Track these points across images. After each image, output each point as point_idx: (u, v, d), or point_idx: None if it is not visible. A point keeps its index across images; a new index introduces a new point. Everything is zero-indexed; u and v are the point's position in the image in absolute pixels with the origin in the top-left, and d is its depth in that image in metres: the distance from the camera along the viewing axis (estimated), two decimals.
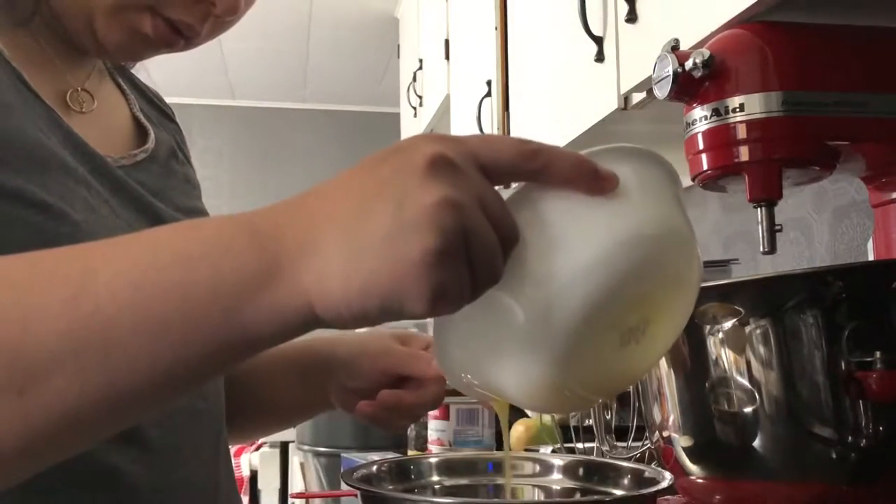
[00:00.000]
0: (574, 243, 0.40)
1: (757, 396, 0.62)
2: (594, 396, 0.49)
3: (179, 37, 0.61)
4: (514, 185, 0.42)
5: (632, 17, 1.02)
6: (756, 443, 0.62)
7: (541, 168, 0.40)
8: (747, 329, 0.62)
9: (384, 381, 0.66)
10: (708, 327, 0.64)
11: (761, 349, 0.61)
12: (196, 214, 0.69)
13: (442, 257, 0.35)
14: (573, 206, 0.40)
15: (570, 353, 0.41)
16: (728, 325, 0.63)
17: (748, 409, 0.62)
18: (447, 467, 0.65)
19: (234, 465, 0.77)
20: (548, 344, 0.40)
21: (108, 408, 0.36)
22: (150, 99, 0.76)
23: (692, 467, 0.67)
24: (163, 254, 0.37)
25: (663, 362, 0.68)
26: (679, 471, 0.67)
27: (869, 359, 0.58)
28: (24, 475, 0.37)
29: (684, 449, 0.67)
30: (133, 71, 0.75)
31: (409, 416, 0.67)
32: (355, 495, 0.57)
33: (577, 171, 0.40)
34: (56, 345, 0.35)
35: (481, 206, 0.37)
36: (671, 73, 0.73)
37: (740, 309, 0.62)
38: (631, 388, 1.03)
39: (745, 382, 0.62)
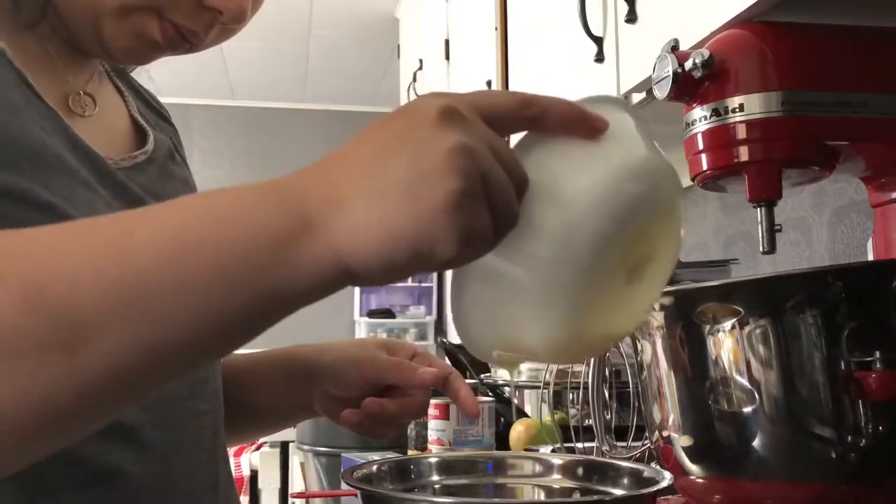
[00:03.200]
0: (579, 184, 0.42)
1: (756, 396, 0.62)
2: (605, 341, 0.51)
3: (185, 41, 0.61)
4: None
5: (632, 18, 1.02)
6: (756, 443, 0.62)
7: (538, 115, 0.42)
8: (747, 329, 0.62)
9: (369, 390, 0.66)
10: (708, 327, 0.64)
11: (761, 349, 0.61)
12: None
13: (464, 199, 0.36)
14: (572, 151, 0.43)
15: (586, 293, 0.43)
16: (728, 325, 0.63)
17: (748, 409, 0.62)
18: (447, 467, 0.65)
19: (233, 465, 0.77)
20: (565, 286, 0.42)
21: (151, 364, 0.37)
22: (147, 101, 0.76)
23: (692, 467, 0.67)
24: (195, 214, 0.38)
25: (663, 362, 0.68)
26: (679, 470, 0.67)
27: (868, 359, 0.58)
28: (75, 436, 0.38)
29: (684, 449, 0.67)
30: (133, 74, 0.75)
31: (392, 424, 0.67)
32: (355, 495, 0.57)
33: (572, 117, 0.43)
34: (103, 302, 0.35)
35: (492, 151, 0.38)
36: (671, 73, 0.73)
37: (740, 309, 0.62)
38: (631, 387, 1.03)
39: (745, 382, 0.62)
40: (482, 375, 1.39)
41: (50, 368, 0.35)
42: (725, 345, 0.63)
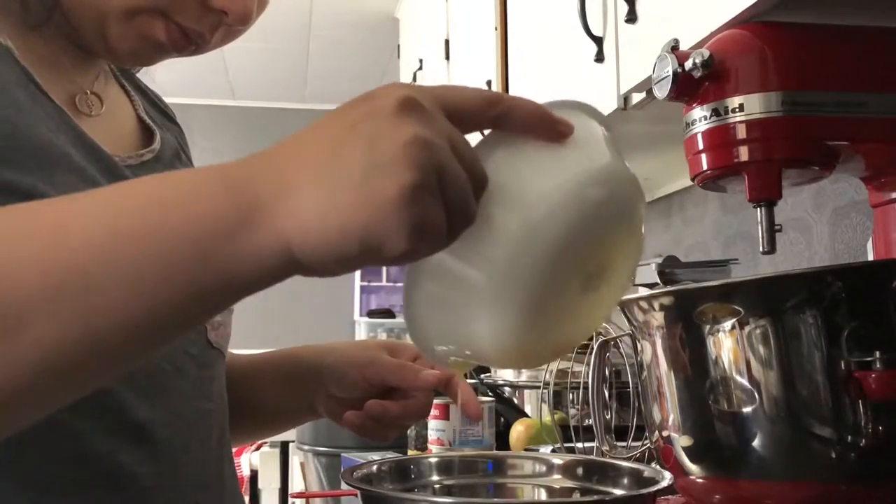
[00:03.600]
0: (540, 187, 0.41)
1: (756, 396, 0.62)
2: (559, 348, 0.50)
3: (190, 43, 0.61)
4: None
5: (631, 18, 1.02)
6: (756, 443, 0.62)
7: (503, 114, 0.41)
8: (747, 329, 0.62)
9: (371, 391, 0.66)
10: (708, 327, 0.64)
11: (761, 349, 0.61)
12: None
13: (418, 192, 0.36)
14: (534, 153, 0.42)
15: (541, 299, 0.42)
16: (728, 325, 0.63)
17: (748, 409, 0.62)
18: (447, 467, 0.65)
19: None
20: (520, 291, 0.41)
21: (87, 354, 0.36)
22: (153, 101, 0.76)
23: (692, 467, 0.67)
24: (136, 200, 0.37)
25: (663, 362, 0.68)
26: (679, 470, 0.67)
27: (868, 359, 0.58)
28: (7, 428, 0.37)
29: (684, 449, 0.67)
30: (138, 75, 0.75)
31: (395, 426, 0.67)
32: (355, 495, 0.57)
33: (537, 118, 0.42)
34: (33, 291, 0.34)
35: (451, 146, 0.38)
36: (671, 73, 0.73)
37: (740, 309, 0.62)
38: (631, 387, 1.03)
39: (745, 382, 0.62)
40: (482, 375, 1.39)
41: None
42: (725, 345, 0.63)
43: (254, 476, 2.89)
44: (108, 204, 0.37)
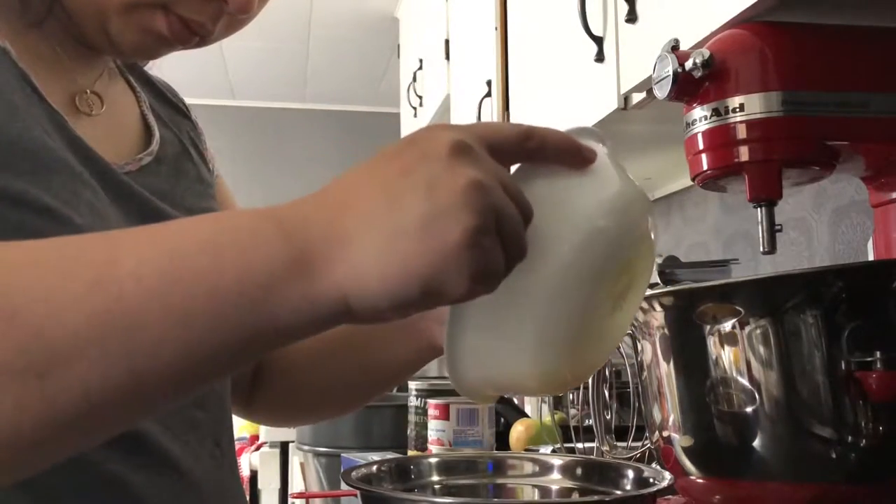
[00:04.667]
0: (579, 217, 0.43)
1: (756, 396, 0.62)
2: (594, 368, 0.53)
3: (193, 35, 0.60)
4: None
5: (632, 18, 1.02)
6: (756, 443, 0.62)
7: (538, 147, 0.43)
8: (747, 329, 0.62)
9: None
10: (708, 327, 0.64)
11: (761, 349, 0.61)
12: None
13: (480, 236, 0.36)
14: (566, 185, 0.44)
15: (582, 327, 0.44)
16: (728, 325, 0.63)
17: (748, 409, 0.62)
18: (447, 467, 0.65)
19: None
20: (562, 323, 0.43)
21: (130, 394, 0.35)
22: (163, 95, 0.75)
23: (692, 467, 0.67)
24: (189, 242, 0.36)
25: (663, 362, 0.68)
26: (679, 471, 0.67)
27: (869, 359, 0.58)
28: (41, 465, 0.37)
29: (684, 449, 0.67)
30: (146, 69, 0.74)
31: None
32: (355, 495, 0.57)
33: (566, 148, 0.44)
34: (80, 328, 0.34)
35: (502, 186, 0.38)
36: (671, 73, 0.73)
37: (740, 309, 0.62)
38: (631, 387, 1.03)
39: (745, 382, 0.62)
40: None
41: (17, 393, 0.33)
42: (725, 345, 0.63)
43: (253, 476, 2.88)
44: (161, 243, 0.36)
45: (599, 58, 1.11)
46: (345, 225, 0.37)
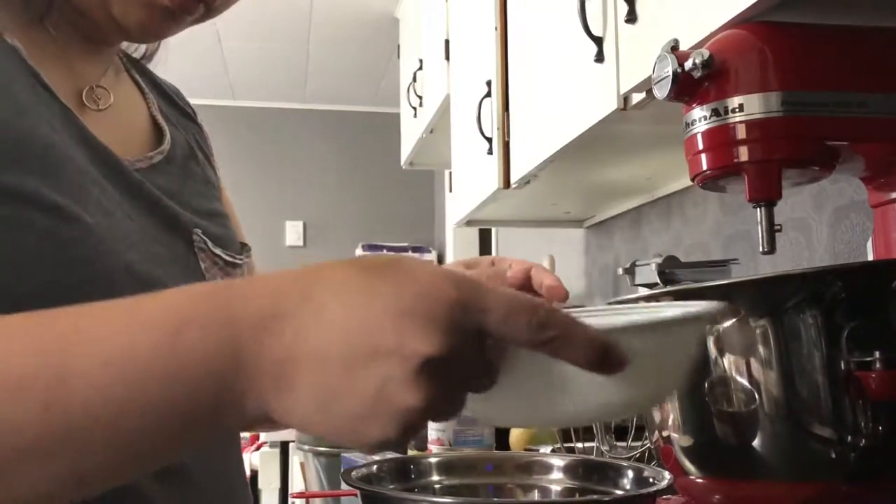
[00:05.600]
0: (567, 404, 0.41)
1: (756, 396, 0.62)
2: None
3: (197, 2, 0.60)
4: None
5: (631, 18, 1.02)
6: (756, 442, 0.62)
7: (550, 341, 0.38)
8: (747, 329, 0.62)
9: None
10: (708, 327, 0.64)
11: (761, 349, 0.61)
12: (215, 217, 0.69)
13: (418, 417, 0.36)
14: (574, 373, 0.39)
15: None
16: (728, 325, 0.63)
17: (748, 409, 0.62)
18: (447, 467, 0.65)
19: None
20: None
21: (75, 491, 0.38)
22: (170, 97, 0.74)
23: (691, 467, 0.67)
24: (141, 368, 0.37)
25: None
26: (679, 471, 0.67)
27: (869, 358, 0.58)
28: None
29: (684, 449, 0.67)
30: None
31: None
32: (355, 495, 0.57)
33: (585, 352, 0.38)
34: (29, 446, 0.36)
35: (462, 386, 0.38)
36: (671, 73, 0.73)
37: (740, 309, 0.62)
38: None
39: (745, 382, 0.62)
40: None
41: None
42: (725, 345, 0.63)
43: (254, 476, 2.88)
44: (110, 367, 0.37)
45: (599, 58, 1.11)
46: (295, 369, 0.36)
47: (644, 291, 1.34)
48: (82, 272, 0.52)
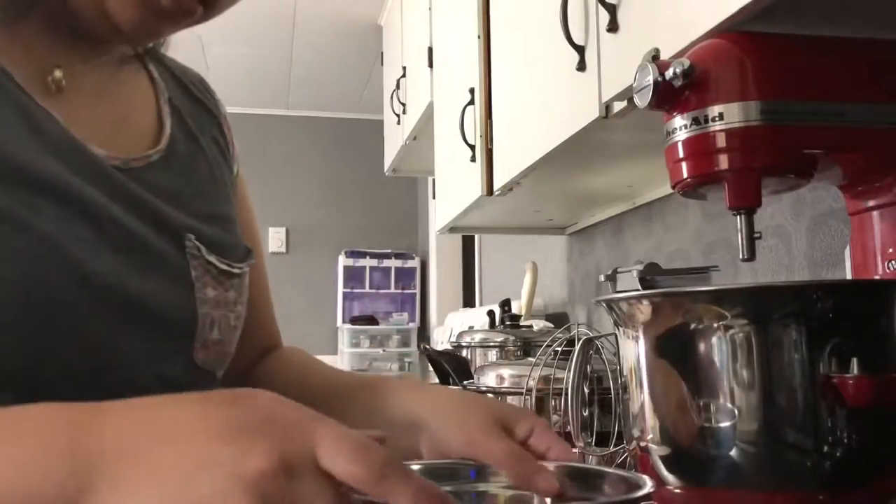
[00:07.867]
0: None
1: (734, 405, 0.62)
2: None
3: (197, 3, 0.58)
4: None
5: (613, 27, 1.03)
6: (733, 451, 0.62)
7: (382, 494, 0.38)
8: (726, 338, 0.62)
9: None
10: (686, 337, 0.64)
11: (739, 358, 0.62)
12: (217, 219, 0.67)
13: None
14: None
15: None
16: (707, 334, 0.63)
17: (725, 418, 0.62)
18: (430, 474, 0.65)
19: None
20: None
21: None
22: (187, 88, 0.72)
23: (668, 476, 0.67)
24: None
25: (643, 369, 0.69)
26: (655, 479, 0.67)
27: (847, 372, 0.59)
28: None
29: (661, 458, 0.67)
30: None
31: None
32: None
33: (416, 499, 0.38)
34: None
35: None
36: (652, 82, 0.74)
37: (720, 318, 0.63)
38: (612, 393, 1.04)
39: (723, 391, 0.62)
40: (465, 382, 1.39)
41: None
42: (703, 354, 0.63)
43: None
44: None
45: (581, 67, 1.11)
46: (136, 490, 0.37)
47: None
48: (26, 284, 0.50)
